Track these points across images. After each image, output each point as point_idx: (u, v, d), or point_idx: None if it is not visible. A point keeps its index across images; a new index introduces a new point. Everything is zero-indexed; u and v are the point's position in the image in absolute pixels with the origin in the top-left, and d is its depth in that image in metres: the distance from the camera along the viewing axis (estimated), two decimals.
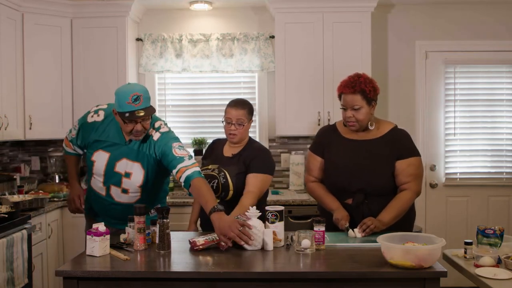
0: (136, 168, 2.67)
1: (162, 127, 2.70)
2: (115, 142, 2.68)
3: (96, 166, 2.72)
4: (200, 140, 4.45)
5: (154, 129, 2.67)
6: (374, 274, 2.07)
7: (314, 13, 4.10)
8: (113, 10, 4.12)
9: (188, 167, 2.52)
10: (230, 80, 4.55)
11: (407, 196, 2.67)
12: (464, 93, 4.48)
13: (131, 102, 2.48)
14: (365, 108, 2.67)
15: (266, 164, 2.77)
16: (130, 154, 2.66)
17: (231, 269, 2.14)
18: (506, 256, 2.31)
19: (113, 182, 2.72)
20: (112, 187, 2.73)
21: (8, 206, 3.32)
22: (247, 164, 2.74)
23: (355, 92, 2.66)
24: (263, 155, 2.80)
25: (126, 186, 2.71)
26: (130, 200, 2.75)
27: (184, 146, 2.64)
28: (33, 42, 3.96)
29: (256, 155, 2.77)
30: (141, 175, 2.68)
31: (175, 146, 2.59)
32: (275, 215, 2.42)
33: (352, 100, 2.67)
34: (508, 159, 4.49)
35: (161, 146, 2.61)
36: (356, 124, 2.70)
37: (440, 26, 4.46)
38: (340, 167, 2.75)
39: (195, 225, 2.97)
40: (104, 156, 2.69)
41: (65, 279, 2.13)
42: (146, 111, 2.51)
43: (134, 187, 2.71)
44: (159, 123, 2.71)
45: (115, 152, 2.67)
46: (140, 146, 2.65)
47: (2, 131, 3.62)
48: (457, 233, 4.36)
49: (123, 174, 2.68)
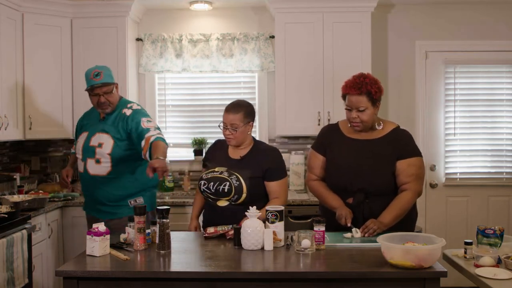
0: (106, 138, 3.04)
1: (135, 106, 3.14)
2: (93, 121, 3.15)
3: (77, 146, 3.18)
4: (200, 140, 4.45)
5: (127, 108, 3.10)
6: (374, 274, 2.07)
7: (314, 13, 4.10)
8: (113, 10, 4.12)
9: (153, 135, 2.91)
10: (230, 80, 4.55)
11: (408, 196, 2.67)
12: (464, 93, 4.48)
13: (93, 78, 3.03)
14: (370, 109, 2.67)
15: (281, 167, 2.84)
16: (104, 128, 3.07)
17: (231, 269, 2.14)
18: (506, 256, 2.31)
19: (89, 155, 3.07)
20: (88, 160, 3.07)
21: (8, 206, 3.32)
22: (264, 171, 2.77)
23: (361, 93, 2.64)
24: (277, 160, 2.84)
25: (99, 155, 3.04)
26: (102, 171, 3.05)
27: (152, 121, 3.05)
28: (33, 42, 3.96)
29: (270, 161, 2.80)
30: (110, 144, 3.03)
31: (143, 120, 3.01)
32: (275, 215, 2.42)
33: (357, 101, 2.66)
34: (508, 159, 4.49)
35: (133, 120, 3.02)
36: (360, 125, 2.70)
37: (440, 26, 4.46)
38: (342, 166, 2.75)
39: (196, 220, 2.98)
40: (84, 135, 3.14)
41: (65, 279, 2.13)
42: (104, 83, 3.02)
43: (104, 156, 3.03)
44: (132, 104, 3.17)
45: (92, 128, 3.12)
46: (113, 121, 3.07)
47: (2, 131, 3.62)
48: (457, 233, 4.36)
49: (96, 146, 3.05)
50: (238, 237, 2.41)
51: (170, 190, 4.39)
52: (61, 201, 3.85)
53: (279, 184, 2.79)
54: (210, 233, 2.62)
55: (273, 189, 2.79)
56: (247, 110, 2.81)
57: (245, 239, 2.37)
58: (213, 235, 2.62)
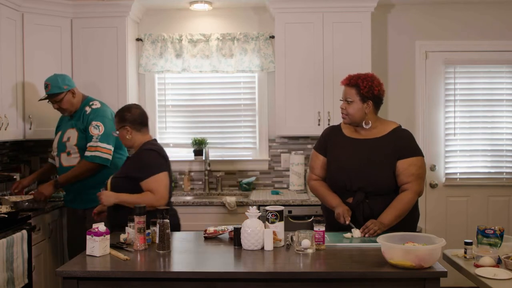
0: (73, 132, 3.49)
1: (95, 105, 3.52)
2: (65, 121, 3.62)
3: (53, 145, 3.61)
4: (200, 140, 4.45)
5: (88, 106, 3.52)
6: (374, 274, 2.07)
7: (314, 13, 4.10)
8: (113, 10, 4.12)
9: (89, 148, 3.39)
10: (230, 80, 4.55)
11: (408, 196, 2.67)
12: (464, 93, 4.48)
13: (44, 89, 3.52)
14: (357, 103, 2.72)
15: (154, 164, 2.83)
16: (72, 124, 3.52)
17: (231, 269, 2.14)
18: (506, 256, 2.31)
19: (61, 149, 3.52)
20: (62, 155, 3.52)
21: (8, 206, 3.32)
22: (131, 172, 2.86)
23: (350, 84, 2.75)
24: (142, 159, 2.84)
25: (69, 148, 3.48)
26: (74, 162, 3.47)
27: (100, 125, 3.42)
28: (33, 42, 3.96)
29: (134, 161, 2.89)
30: (75, 136, 3.47)
31: (93, 124, 3.42)
32: (275, 215, 2.43)
33: (346, 92, 2.78)
34: (508, 159, 4.49)
35: (87, 120, 3.45)
36: (346, 117, 2.76)
37: (440, 26, 4.46)
38: (342, 165, 2.76)
39: None
40: (58, 134, 3.60)
41: (65, 279, 2.13)
42: (49, 96, 3.48)
43: (72, 147, 3.47)
44: (94, 102, 3.55)
45: (64, 127, 3.58)
46: (78, 117, 3.51)
47: (2, 131, 3.62)
48: (457, 233, 4.36)
49: (66, 140, 3.50)
50: (238, 237, 2.41)
51: None
52: (61, 201, 3.85)
53: (156, 179, 2.75)
54: (210, 233, 2.62)
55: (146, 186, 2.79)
56: (120, 115, 2.88)
57: (245, 239, 2.37)
58: (213, 235, 2.62)
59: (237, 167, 4.54)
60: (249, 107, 4.56)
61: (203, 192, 4.42)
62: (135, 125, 2.86)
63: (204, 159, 4.45)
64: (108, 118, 3.50)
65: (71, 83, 3.57)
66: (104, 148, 3.39)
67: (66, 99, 3.50)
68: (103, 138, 3.40)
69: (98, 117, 3.46)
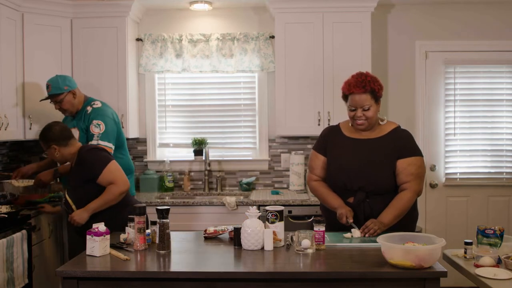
0: (75, 131, 3.50)
1: (96, 105, 3.58)
2: (68, 121, 3.64)
3: None
4: (200, 140, 4.45)
5: (90, 106, 3.57)
6: (374, 274, 2.07)
7: (314, 13, 4.10)
8: (113, 10, 4.12)
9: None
10: (230, 80, 4.55)
11: (407, 196, 2.67)
12: (464, 93, 4.48)
13: (46, 90, 3.59)
14: (374, 106, 2.71)
15: (99, 160, 2.92)
16: (74, 124, 3.57)
17: (231, 269, 2.14)
18: (506, 256, 2.31)
19: None
20: None
21: (8, 206, 3.33)
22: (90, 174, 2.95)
23: (366, 92, 2.67)
24: (87, 158, 2.91)
25: None
26: None
27: (101, 124, 3.45)
28: (33, 42, 3.96)
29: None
30: (77, 136, 3.49)
31: (94, 123, 3.47)
32: (275, 215, 2.43)
33: (361, 99, 2.68)
34: (508, 159, 4.49)
35: (89, 119, 3.51)
36: (365, 122, 2.72)
37: (440, 26, 4.46)
38: (342, 165, 2.76)
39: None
40: None
41: (65, 279, 2.13)
42: (50, 96, 3.55)
43: None
44: (95, 102, 3.60)
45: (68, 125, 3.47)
46: (80, 117, 3.57)
47: (2, 131, 3.62)
48: (457, 233, 4.36)
49: None
50: (238, 237, 2.41)
51: (170, 190, 4.39)
52: (61, 201, 3.85)
53: (109, 170, 2.85)
54: (210, 233, 2.62)
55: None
56: (42, 137, 3.03)
57: (245, 239, 2.37)
58: (213, 235, 2.62)
59: (237, 167, 4.54)
60: (249, 107, 4.56)
61: (203, 192, 4.43)
62: (59, 142, 2.97)
63: (204, 159, 4.45)
64: (109, 117, 3.54)
65: (72, 84, 3.60)
66: (105, 146, 3.39)
67: (67, 99, 3.56)
68: (103, 136, 3.45)
69: (99, 116, 3.51)
